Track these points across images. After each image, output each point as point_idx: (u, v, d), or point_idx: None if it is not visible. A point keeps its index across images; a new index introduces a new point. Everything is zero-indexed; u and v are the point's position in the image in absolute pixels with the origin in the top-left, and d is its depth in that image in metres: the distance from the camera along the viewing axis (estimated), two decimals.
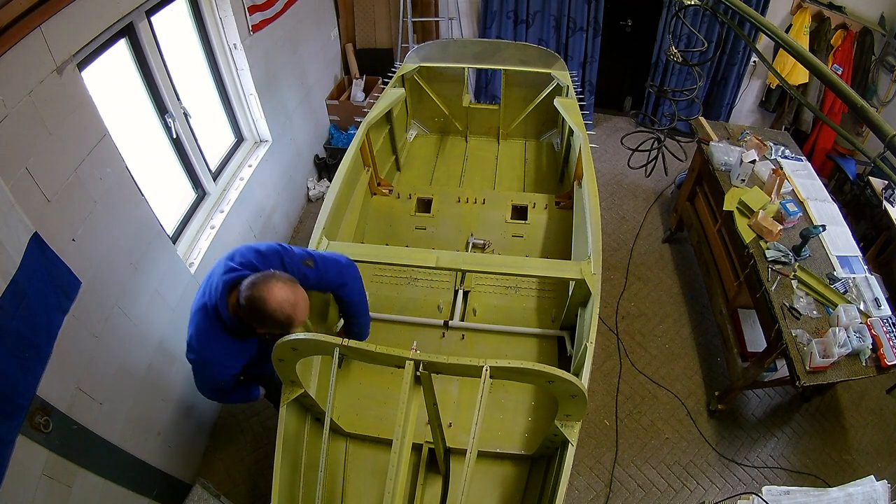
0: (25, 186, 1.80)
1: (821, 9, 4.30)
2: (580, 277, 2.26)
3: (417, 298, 2.87)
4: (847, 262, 2.88)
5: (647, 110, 5.49)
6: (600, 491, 2.98)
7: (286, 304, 1.72)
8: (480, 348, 2.65)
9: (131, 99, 2.67)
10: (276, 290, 1.71)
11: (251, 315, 1.73)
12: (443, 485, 2.10)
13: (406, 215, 3.31)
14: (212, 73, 3.38)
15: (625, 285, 4.04)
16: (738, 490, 2.97)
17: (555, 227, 3.23)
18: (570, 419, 1.78)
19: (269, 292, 1.70)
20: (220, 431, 3.17)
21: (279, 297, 1.70)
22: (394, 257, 2.43)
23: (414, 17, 4.94)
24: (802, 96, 4.32)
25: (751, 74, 4.99)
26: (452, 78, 3.97)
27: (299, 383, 1.93)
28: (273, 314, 1.70)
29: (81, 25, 2.05)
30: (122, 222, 2.31)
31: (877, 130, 1.15)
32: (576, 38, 4.96)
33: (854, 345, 2.43)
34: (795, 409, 3.36)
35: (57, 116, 1.93)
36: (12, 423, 1.68)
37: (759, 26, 1.82)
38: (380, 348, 1.57)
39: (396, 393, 1.57)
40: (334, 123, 4.93)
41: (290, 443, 1.97)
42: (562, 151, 3.82)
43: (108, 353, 2.24)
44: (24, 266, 1.72)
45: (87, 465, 2.06)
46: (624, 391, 3.41)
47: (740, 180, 3.28)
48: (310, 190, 4.71)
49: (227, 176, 3.49)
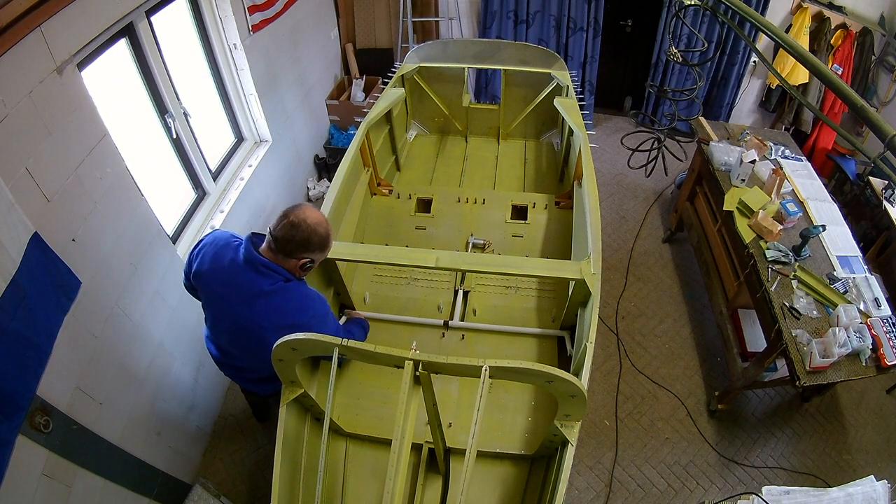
0: (25, 186, 1.80)
1: (821, 9, 4.30)
2: (580, 277, 2.26)
3: (417, 298, 2.87)
4: (847, 262, 2.88)
5: (647, 110, 5.49)
6: (600, 491, 2.98)
7: (323, 221, 1.86)
8: (480, 348, 2.65)
9: (131, 99, 2.67)
10: (309, 211, 1.83)
11: (293, 239, 1.79)
12: (443, 485, 2.10)
13: (406, 215, 3.31)
14: (212, 73, 3.38)
15: (625, 285, 4.04)
16: (738, 490, 2.97)
17: (555, 227, 3.23)
18: (569, 419, 1.78)
19: (305, 213, 1.81)
20: (220, 431, 3.17)
21: (315, 216, 1.84)
22: (394, 257, 2.43)
23: (414, 17, 4.94)
24: (802, 96, 4.32)
25: (751, 74, 4.99)
26: (452, 78, 3.96)
27: (299, 383, 1.93)
28: (318, 230, 1.82)
29: (81, 25, 2.05)
30: (122, 222, 2.31)
31: (877, 130, 1.15)
32: (576, 38, 4.96)
33: (854, 345, 2.43)
34: (795, 409, 3.36)
35: (57, 116, 1.93)
36: (12, 423, 1.68)
37: (759, 26, 1.82)
38: (379, 348, 1.57)
39: (396, 393, 1.57)
40: (334, 123, 4.94)
41: (289, 443, 1.97)
42: (562, 151, 3.82)
43: (108, 353, 2.24)
44: (24, 266, 1.72)
45: (87, 465, 2.06)
46: (624, 391, 3.41)
47: (740, 180, 3.28)
48: (310, 190, 4.72)
49: (227, 176, 3.49)
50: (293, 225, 1.78)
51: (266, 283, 1.83)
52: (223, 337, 2.10)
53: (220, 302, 1.94)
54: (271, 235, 1.82)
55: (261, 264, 1.82)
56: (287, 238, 1.79)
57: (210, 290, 1.95)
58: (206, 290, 1.96)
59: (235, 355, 2.14)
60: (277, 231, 1.79)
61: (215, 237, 1.97)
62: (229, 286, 1.87)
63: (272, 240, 1.82)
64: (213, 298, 1.97)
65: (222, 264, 1.88)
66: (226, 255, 1.88)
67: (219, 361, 2.27)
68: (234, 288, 1.86)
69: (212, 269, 1.90)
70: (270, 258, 1.84)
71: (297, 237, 1.79)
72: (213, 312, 2.03)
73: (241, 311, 1.87)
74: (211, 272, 1.90)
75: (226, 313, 1.95)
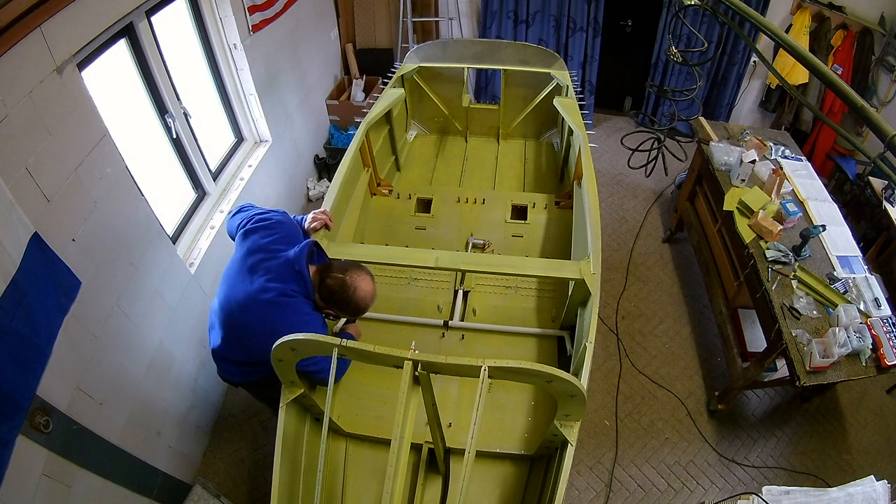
0: (25, 186, 1.80)
1: (821, 9, 4.30)
2: (580, 277, 2.26)
3: (417, 298, 2.87)
4: (847, 262, 2.88)
5: (647, 110, 5.49)
6: (600, 491, 2.98)
7: (370, 296, 1.93)
8: (480, 348, 2.65)
9: (131, 99, 2.67)
10: (365, 282, 1.91)
11: (334, 294, 1.88)
12: (442, 485, 2.10)
13: (406, 215, 3.31)
14: (212, 73, 3.38)
15: (625, 285, 4.04)
16: (738, 490, 2.97)
17: (555, 227, 3.23)
18: (569, 419, 1.78)
19: (362, 282, 1.90)
20: (220, 431, 3.18)
21: (367, 289, 1.92)
22: (394, 257, 2.43)
23: (414, 17, 4.94)
24: (802, 96, 4.32)
25: (751, 74, 4.99)
26: (452, 78, 3.96)
27: (299, 383, 1.93)
28: (359, 302, 1.91)
29: (81, 25, 2.05)
30: (122, 222, 2.31)
31: (877, 130, 1.15)
32: (576, 38, 4.96)
33: (854, 345, 2.43)
34: (795, 409, 3.36)
35: (57, 116, 1.93)
36: (12, 423, 1.68)
37: (759, 26, 1.82)
38: (378, 348, 1.57)
39: (396, 393, 1.57)
40: (334, 123, 4.94)
41: (289, 443, 1.97)
42: (562, 151, 3.82)
43: (108, 353, 2.24)
44: (24, 266, 1.72)
45: (87, 465, 2.06)
46: (624, 391, 3.41)
47: (740, 180, 3.28)
48: (310, 190, 4.72)
49: (227, 176, 3.49)
50: (344, 285, 1.88)
51: (289, 287, 1.88)
52: (223, 302, 1.99)
53: (243, 271, 1.95)
54: (321, 276, 1.91)
55: (300, 274, 1.89)
56: (332, 290, 1.90)
57: (247, 251, 1.97)
58: (244, 250, 1.98)
59: (224, 329, 2.04)
60: (329, 279, 1.90)
61: (287, 219, 2.09)
62: (264, 262, 1.92)
63: (320, 279, 1.91)
64: (242, 263, 1.97)
65: (273, 245, 1.95)
66: (282, 239, 1.97)
67: (216, 354, 2.16)
68: (264, 271, 1.90)
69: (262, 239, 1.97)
70: (312, 279, 1.91)
71: (340, 297, 1.90)
72: (232, 275, 2.00)
73: (251, 290, 1.89)
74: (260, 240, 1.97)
75: (240, 283, 1.94)
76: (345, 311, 1.96)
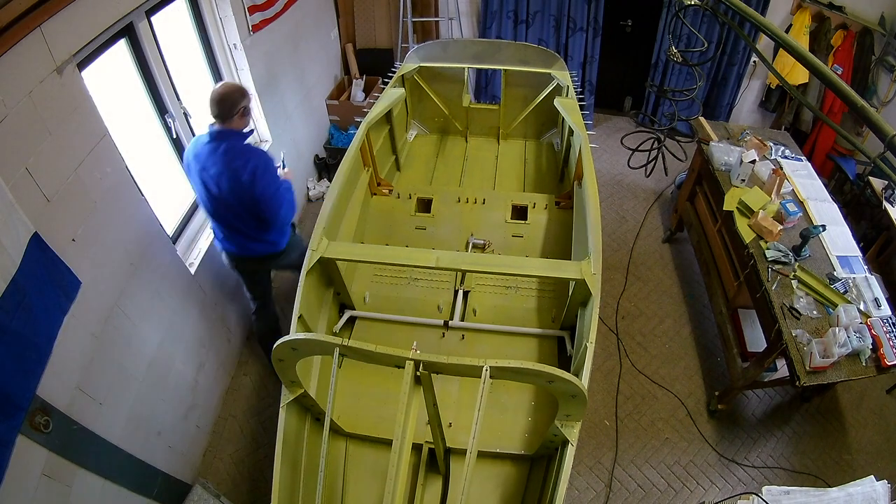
0: (25, 186, 1.80)
1: (821, 9, 4.30)
2: (580, 277, 2.27)
3: (417, 298, 2.87)
4: (847, 262, 2.88)
5: (647, 110, 5.49)
6: (600, 491, 2.98)
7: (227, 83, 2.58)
8: (480, 348, 2.65)
9: (131, 99, 2.67)
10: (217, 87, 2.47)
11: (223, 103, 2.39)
12: (443, 485, 2.10)
13: (406, 215, 3.31)
14: (212, 73, 3.38)
15: (625, 285, 4.04)
16: (738, 490, 2.97)
17: (555, 227, 3.23)
18: (569, 419, 1.78)
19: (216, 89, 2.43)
20: (220, 431, 3.17)
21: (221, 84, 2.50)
22: (394, 257, 2.43)
23: (414, 17, 4.94)
24: (802, 96, 4.33)
25: (751, 74, 5.00)
26: (452, 78, 3.97)
27: (299, 383, 1.93)
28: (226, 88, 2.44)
29: (81, 25, 2.05)
30: (122, 222, 2.31)
31: (877, 130, 1.15)
32: (576, 38, 4.96)
33: (854, 345, 2.43)
34: (795, 409, 3.36)
35: (57, 116, 1.93)
36: (12, 423, 1.68)
37: (759, 26, 1.82)
38: (380, 348, 1.57)
39: (397, 393, 1.57)
40: (334, 123, 4.93)
41: (290, 443, 1.97)
42: (562, 151, 3.82)
43: (108, 353, 2.23)
44: (24, 266, 1.72)
45: (87, 465, 2.06)
46: (624, 391, 3.41)
47: (740, 180, 3.28)
48: (310, 190, 4.71)
49: None
50: (214, 100, 2.39)
51: (223, 144, 2.43)
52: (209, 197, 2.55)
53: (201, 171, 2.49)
54: (213, 117, 2.43)
55: (217, 133, 2.44)
56: (219, 106, 2.39)
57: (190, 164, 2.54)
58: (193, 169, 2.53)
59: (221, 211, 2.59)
60: (212, 111, 2.41)
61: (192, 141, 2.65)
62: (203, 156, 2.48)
63: (215, 117, 2.43)
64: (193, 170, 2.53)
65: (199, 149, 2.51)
66: (200, 141, 2.52)
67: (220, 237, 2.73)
68: (205, 156, 2.47)
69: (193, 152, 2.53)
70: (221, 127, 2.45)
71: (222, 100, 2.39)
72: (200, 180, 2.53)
73: (209, 166, 2.46)
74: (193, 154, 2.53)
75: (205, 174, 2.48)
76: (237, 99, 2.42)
